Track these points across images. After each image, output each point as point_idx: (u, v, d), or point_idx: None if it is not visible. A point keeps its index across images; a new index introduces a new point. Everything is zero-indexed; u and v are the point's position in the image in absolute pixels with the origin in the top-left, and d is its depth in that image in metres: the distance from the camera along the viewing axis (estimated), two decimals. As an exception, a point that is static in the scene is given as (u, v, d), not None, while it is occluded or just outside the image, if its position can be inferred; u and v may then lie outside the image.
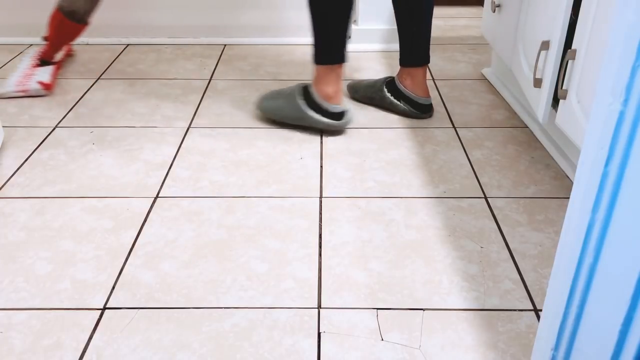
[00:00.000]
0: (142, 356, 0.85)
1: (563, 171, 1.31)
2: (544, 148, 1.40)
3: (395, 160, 1.35)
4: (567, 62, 1.13)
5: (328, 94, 1.42)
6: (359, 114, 1.57)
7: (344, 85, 1.70)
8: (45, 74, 1.69)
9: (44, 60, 1.76)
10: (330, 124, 1.44)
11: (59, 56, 1.83)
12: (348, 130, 1.49)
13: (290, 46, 2.08)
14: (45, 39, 1.72)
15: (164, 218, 1.15)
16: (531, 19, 1.35)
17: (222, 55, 2.00)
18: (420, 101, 1.54)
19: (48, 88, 1.65)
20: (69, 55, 1.93)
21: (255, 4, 2.08)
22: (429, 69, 1.88)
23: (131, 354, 0.85)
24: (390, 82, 1.57)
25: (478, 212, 1.17)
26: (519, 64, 1.44)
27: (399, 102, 1.55)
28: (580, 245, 0.58)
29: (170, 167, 1.32)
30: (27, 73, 1.70)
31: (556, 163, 1.34)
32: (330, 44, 1.39)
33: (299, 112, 1.45)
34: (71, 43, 1.71)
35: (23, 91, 1.63)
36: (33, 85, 1.64)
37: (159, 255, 1.05)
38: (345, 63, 1.44)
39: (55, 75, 1.72)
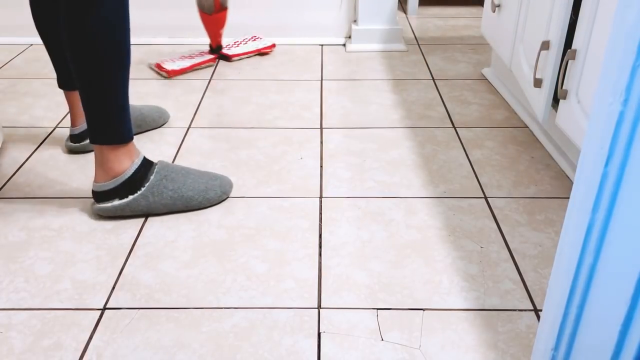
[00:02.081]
0: (142, 356, 0.85)
1: (563, 171, 1.31)
2: (544, 148, 1.40)
3: (395, 160, 1.35)
4: (567, 62, 1.13)
5: None
6: (359, 112, 1.58)
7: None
8: (179, 63, 1.85)
9: (212, 49, 1.94)
10: None
11: (236, 50, 1.96)
12: (348, 131, 1.49)
13: (290, 46, 2.08)
14: None
15: (163, 218, 1.15)
16: (531, 19, 1.35)
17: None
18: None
19: (168, 73, 1.81)
20: (262, 53, 2.00)
21: (255, 4, 2.08)
22: (429, 69, 1.88)
23: (131, 354, 0.85)
24: None
25: (478, 212, 1.17)
26: (519, 64, 1.44)
27: None
28: (580, 245, 0.58)
29: (170, 167, 1.32)
30: (189, 56, 1.91)
31: (556, 163, 1.34)
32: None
33: None
34: (219, 31, 1.88)
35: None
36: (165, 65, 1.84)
37: (159, 255, 1.05)
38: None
39: (188, 67, 1.84)
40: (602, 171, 0.54)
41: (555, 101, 1.24)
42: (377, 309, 0.93)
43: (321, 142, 1.43)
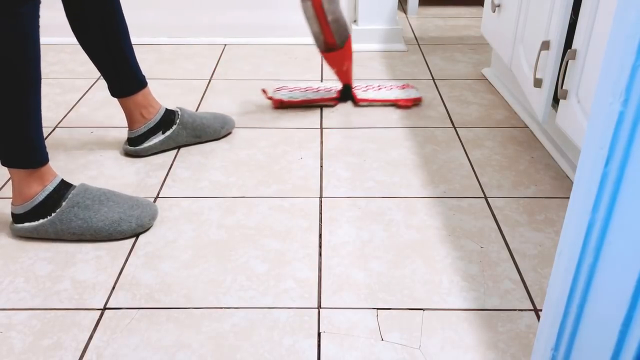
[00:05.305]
0: (142, 356, 0.85)
1: (563, 171, 1.31)
2: (544, 148, 1.40)
3: (395, 160, 1.35)
4: (567, 62, 1.13)
5: None
6: (359, 112, 1.57)
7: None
8: (291, 94, 1.66)
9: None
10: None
11: (366, 95, 1.67)
12: (348, 131, 1.49)
13: (290, 46, 2.08)
14: None
15: (164, 218, 1.15)
16: (531, 19, 1.35)
17: (222, 55, 2.00)
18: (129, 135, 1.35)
19: (274, 103, 1.62)
20: (399, 106, 1.64)
21: (255, 4, 2.08)
22: (429, 69, 1.88)
23: (131, 354, 0.85)
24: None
25: (478, 212, 1.17)
26: (519, 64, 1.44)
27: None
28: (580, 245, 0.58)
29: (170, 167, 1.32)
30: (310, 88, 1.70)
31: (556, 163, 1.34)
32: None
33: None
34: (341, 68, 1.59)
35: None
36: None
37: (159, 255, 1.05)
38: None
39: (299, 102, 1.62)
40: (602, 171, 0.54)
41: (555, 101, 1.24)
42: (377, 309, 0.93)
43: (321, 142, 1.43)
